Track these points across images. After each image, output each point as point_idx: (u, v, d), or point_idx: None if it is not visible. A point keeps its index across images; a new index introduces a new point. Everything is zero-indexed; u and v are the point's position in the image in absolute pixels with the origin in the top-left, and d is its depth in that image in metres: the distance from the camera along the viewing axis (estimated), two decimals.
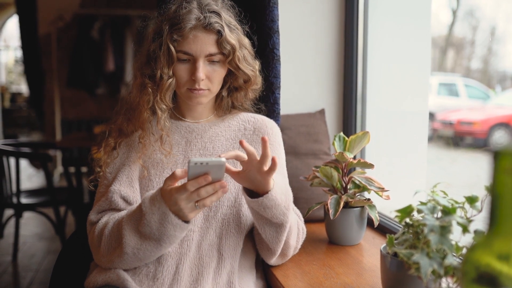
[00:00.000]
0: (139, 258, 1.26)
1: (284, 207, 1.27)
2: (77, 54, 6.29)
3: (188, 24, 1.33)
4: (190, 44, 1.34)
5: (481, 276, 0.65)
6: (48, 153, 4.18)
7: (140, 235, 1.22)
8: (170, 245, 1.24)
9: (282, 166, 1.52)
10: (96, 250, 1.32)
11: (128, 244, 1.23)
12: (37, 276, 3.45)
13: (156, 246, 1.23)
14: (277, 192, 1.24)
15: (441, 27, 7.54)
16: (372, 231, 1.73)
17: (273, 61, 1.66)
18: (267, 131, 1.49)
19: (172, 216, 1.17)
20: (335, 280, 1.34)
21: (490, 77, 8.03)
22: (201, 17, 1.34)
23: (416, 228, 1.09)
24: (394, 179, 1.98)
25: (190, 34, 1.33)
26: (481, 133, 5.90)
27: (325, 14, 2.01)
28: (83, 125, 6.54)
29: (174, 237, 1.21)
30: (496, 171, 0.63)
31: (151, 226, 1.19)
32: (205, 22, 1.34)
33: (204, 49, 1.34)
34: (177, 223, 1.18)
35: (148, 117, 1.39)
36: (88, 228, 1.38)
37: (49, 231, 4.35)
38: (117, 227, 1.28)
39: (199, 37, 1.34)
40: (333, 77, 2.04)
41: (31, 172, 7.01)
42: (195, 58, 1.35)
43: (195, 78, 1.34)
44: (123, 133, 1.43)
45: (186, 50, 1.34)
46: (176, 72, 1.37)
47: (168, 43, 1.34)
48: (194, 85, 1.36)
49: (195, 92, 1.37)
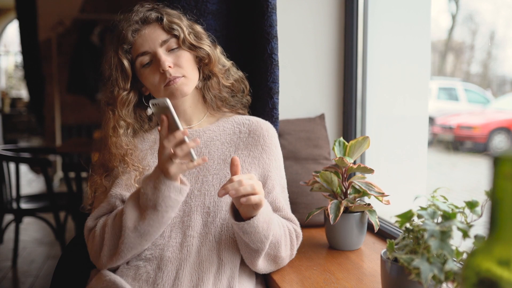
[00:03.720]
0: (141, 234, 1.25)
1: (264, 235, 1.28)
2: (77, 59, 6.31)
3: (129, 29, 1.38)
4: (141, 43, 1.38)
5: (481, 281, 0.65)
6: (48, 158, 4.17)
7: (139, 208, 1.25)
8: (167, 211, 1.24)
9: (280, 168, 1.52)
10: (98, 250, 1.31)
11: (129, 218, 1.25)
12: (37, 281, 3.44)
13: (154, 213, 1.23)
14: (259, 220, 1.25)
15: (440, 31, 7.55)
16: (372, 236, 1.73)
17: (271, 66, 1.66)
18: (263, 133, 1.49)
19: (162, 176, 1.21)
20: (335, 286, 1.34)
21: (490, 81, 8.04)
22: (136, 18, 1.40)
23: (417, 233, 1.09)
24: (394, 184, 1.97)
25: (136, 36, 1.38)
26: (481, 138, 5.90)
27: (325, 19, 2.01)
28: (83, 130, 6.54)
29: (168, 198, 1.22)
30: (496, 176, 0.63)
31: (147, 193, 1.23)
32: (141, 18, 1.40)
33: (155, 40, 1.38)
34: (170, 183, 1.21)
35: (116, 142, 1.39)
36: (86, 234, 1.38)
37: (49, 237, 4.34)
38: (119, 215, 1.29)
39: (144, 33, 1.38)
40: (333, 82, 2.04)
41: (31, 178, 7.01)
42: (153, 53, 1.38)
43: (162, 67, 1.35)
44: (105, 166, 1.43)
45: (141, 50, 1.38)
46: (147, 78, 1.39)
47: (119, 57, 1.38)
48: (166, 76, 1.36)
49: (172, 83, 1.37)
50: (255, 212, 1.24)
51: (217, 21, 1.71)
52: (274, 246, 1.35)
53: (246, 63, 1.66)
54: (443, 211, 1.06)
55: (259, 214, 1.25)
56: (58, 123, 6.67)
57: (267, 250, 1.35)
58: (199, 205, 1.38)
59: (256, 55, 1.69)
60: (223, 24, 1.72)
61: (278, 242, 1.36)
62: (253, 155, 1.46)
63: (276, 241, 1.35)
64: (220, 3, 1.71)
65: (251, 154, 1.46)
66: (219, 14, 1.72)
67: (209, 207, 1.37)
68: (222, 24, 1.72)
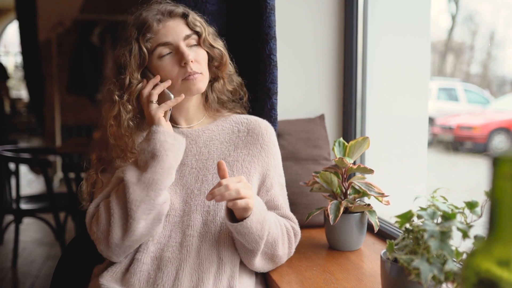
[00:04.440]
0: (146, 184, 1.25)
1: (258, 236, 1.29)
2: (77, 59, 6.30)
3: (154, 19, 1.38)
4: (165, 34, 1.38)
5: (481, 281, 0.65)
6: (48, 158, 4.18)
7: (139, 167, 1.29)
8: (167, 155, 1.27)
9: (278, 166, 1.52)
10: (106, 228, 1.28)
11: (130, 175, 1.27)
12: (36, 282, 3.44)
13: (155, 159, 1.26)
14: (253, 221, 1.26)
15: (440, 32, 7.55)
16: (372, 237, 1.73)
17: (270, 66, 1.66)
18: (261, 131, 1.49)
19: (154, 126, 1.30)
20: (335, 286, 1.34)
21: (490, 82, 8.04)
22: (162, 9, 1.41)
23: (416, 234, 1.09)
24: (394, 185, 1.97)
25: (160, 26, 1.38)
26: (481, 138, 5.90)
27: (325, 19, 2.01)
28: (83, 131, 6.54)
29: (165, 143, 1.27)
30: (496, 177, 0.63)
31: (143, 149, 1.28)
32: (168, 11, 1.41)
33: (179, 33, 1.39)
34: (162, 129, 1.29)
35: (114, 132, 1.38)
36: (89, 220, 1.34)
37: (49, 237, 4.34)
38: (121, 185, 1.30)
39: (169, 25, 1.39)
40: (333, 82, 2.04)
41: (31, 178, 7.01)
42: (175, 45, 1.38)
43: (186, 60, 1.36)
44: (102, 160, 1.43)
45: (163, 40, 1.38)
46: (164, 69, 1.38)
47: (140, 44, 1.38)
48: (187, 70, 1.37)
49: (191, 78, 1.38)
50: (247, 214, 1.25)
51: (217, 21, 1.71)
52: (271, 245, 1.36)
53: (245, 64, 1.66)
54: (443, 211, 1.06)
55: (252, 215, 1.25)
56: (58, 123, 6.67)
57: (264, 249, 1.35)
58: (199, 204, 1.38)
59: (255, 55, 1.69)
60: (222, 24, 1.72)
61: (275, 241, 1.36)
62: (252, 153, 1.46)
63: (273, 240, 1.35)
64: (219, 4, 1.72)
65: (250, 152, 1.46)
66: (218, 15, 1.72)
67: (209, 206, 1.38)
68: (222, 24, 1.72)
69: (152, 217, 1.27)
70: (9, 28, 11.39)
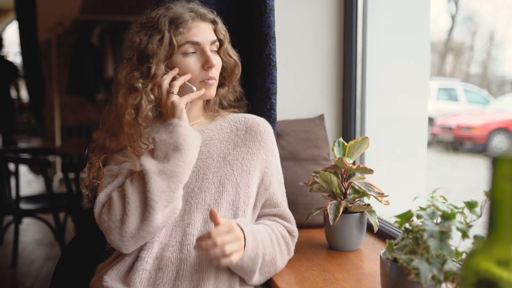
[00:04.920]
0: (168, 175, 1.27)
1: (250, 271, 1.31)
2: (77, 60, 6.30)
3: (188, 16, 1.39)
4: (196, 33, 1.39)
5: (480, 281, 0.65)
6: (47, 159, 4.17)
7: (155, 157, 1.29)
8: (190, 150, 1.30)
9: (277, 164, 1.53)
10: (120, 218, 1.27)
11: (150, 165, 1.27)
12: (36, 282, 3.44)
13: (178, 152, 1.28)
14: (244, 261, 1.28)
15: (440, 32, 7.55)
16: (372, 237, 1.73)
17: (269, 67, 1.66)
18: (259, 129, 1.50)
19: (176, 120, 1.31)
20: (335, 286, 1.34)
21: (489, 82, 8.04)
22: (195, 9, 1.42)
23: (416, 234, 1.09)
24: (393, 185, 1.97)
25: (193, 24, 1.39)
26: (481, 138, 5.90)
27: (324, 19, 2.01)
28: (83, 131, 6.53)
29: (187, 137, 1.29)
30: (495, 176, 0.63)
31: (164, 139, 1.29)
32: (201, 13, 1.42)
33: (208, 37, 1.41)
34: (185, 123, 1.31)
35: (131, 120, 1.37)
36: (98, 210, 1.32)
37: (49, 237, 4.34)
38: (137, 174, 1.30)
39: (200, 26, 1.41)
40: (332, 82, 2.04)
41: (31, 178, 7.01)
42: (202, 47, 1.40)
43: (210, 65, 1.38)
44: (106, 148, 1.43)
45: (193, 39, 1.38)
46: (187, 66, 1.39)
47: (171, 36, 1.37)
48: (208, 74, 1.39)
49: (209, 82, 1.41)
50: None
51: None
52: (270, 263, 1.37)
53: (244, 64, 1.66)
54: (442, 211, 1.06)
55: (245, 252, 1.27)
56: (57, 123, 6.67)
57: (262, 269, 1.36)
58: (199, 202, 1.38)
59: (254, 56, 1.69)
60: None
61: (273, 258, 1.38)
62: (251, 151, 1.47)
63: (271, 258, 1.37)
64: (218, 4, 1.71)
65: (249, 150, 1.47)
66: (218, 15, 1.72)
67: (210, 204, 1.39)
68: None
69: (169, 210, 1.28)
70: (9, 28, 11.38)
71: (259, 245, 1.31)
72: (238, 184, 1.41)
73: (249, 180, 1.43)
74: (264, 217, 1.48)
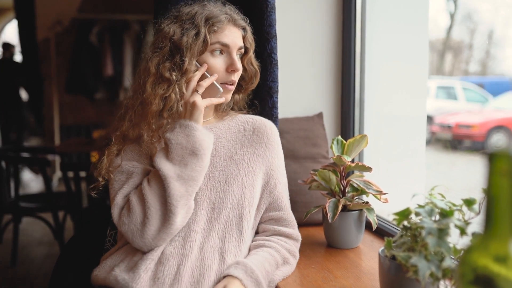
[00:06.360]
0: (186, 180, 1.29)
1: None
2: (75, 59, 6.30)
3: (224, 17, 1.40)
4: (227, 35, 1.40)
5: (478, 278, 0.65)
6: (47, 158, 4.17)
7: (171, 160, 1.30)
8: (206, 154, 1.31)
9: (282, 166, 1.53)
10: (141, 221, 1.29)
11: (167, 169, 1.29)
12: (36, 281, 3.44)
13: (194, 157, 1.30)
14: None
15: (439, 30, 7.56)
16: (371, 234, 1.74)
17: (271, 65, 1.66)
18: (266, 130, 1.51)
19: (193, 123, 1.32)
20: (333, 284, 1.34)
21: None
22: (229, 13, 1.43)
23: (414, 231, 1.09)
24: (392, 182, 1.98)
25: (227, 26, 1.41)
26: (480, 136, 5.91)
27: (323, 18, 2.01)
28: (82, 130, 6.54)
29: (204, 141, 1.31)
30: (492, 173, 0.63)
31: (180, 143, 1.30)
32: (234, 18, 1.43)
33: (237, 41, 1.43)
34: (201, 127, 1.32)
35: (157, 112, 1.37)
36: (117, 213, 1.34)
37: (48, 236, 4.34)
38: (153, 175, 1.32)
39: (232, 30, 1.42)
40: (331, 80, 2.04)
41: (30, 177, 7.01)
42: (230, 50, 1.41)
43: (235, 68, 1.40)
44: (127, 138, 1.43)
45: (224, 41, 1.40)
46: (213, 65, 1.40)
47: (206, 33, 1.38)
48: (230, 78, 1.41)
49: (229, 88, 1.42)
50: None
51: None
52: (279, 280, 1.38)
53: None
54: (440, 208, 1.07)
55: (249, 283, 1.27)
56: (57, 123, 6.67)
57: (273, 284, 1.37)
58: (205, 199, 1.39)
59: (255, 54, 1.69)
60: None
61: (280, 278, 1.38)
62: (257, 152, 1.48)
63: (278, 279, 1.37)
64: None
65: (255, 151, 1.48)
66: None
67: (214, 203, 1.39)
68: None
69: (185, 211, 1.31)
70: (8, 28, 11.36)
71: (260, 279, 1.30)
72: (243, 184, 1.42)
73: (254, 181, 1.44)
74: (267, 223, 1.48)
